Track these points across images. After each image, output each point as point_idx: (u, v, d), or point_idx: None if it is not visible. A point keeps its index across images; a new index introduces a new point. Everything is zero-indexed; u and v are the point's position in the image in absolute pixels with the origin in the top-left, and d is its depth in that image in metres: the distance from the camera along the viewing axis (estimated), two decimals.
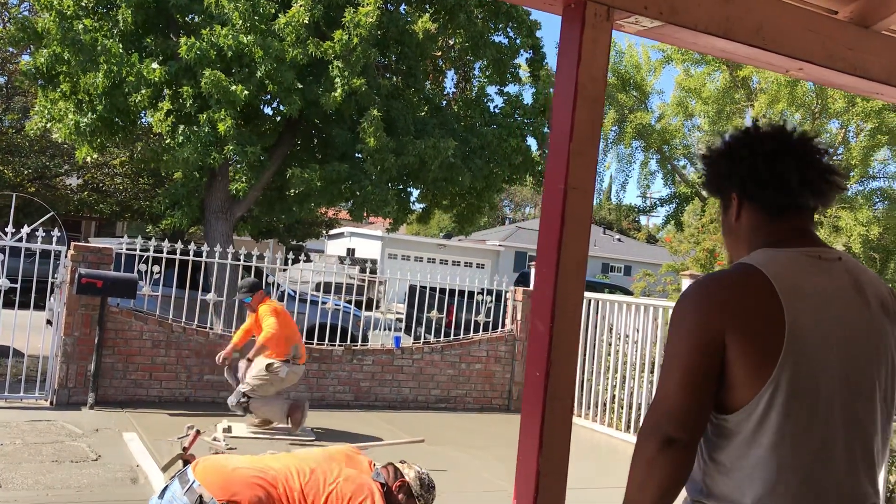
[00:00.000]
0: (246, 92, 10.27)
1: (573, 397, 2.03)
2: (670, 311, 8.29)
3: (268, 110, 13.10)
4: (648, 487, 1.71)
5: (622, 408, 8.74)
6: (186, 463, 3.55)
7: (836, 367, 1.67)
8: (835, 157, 21.40)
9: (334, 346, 8.85)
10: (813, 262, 1.74)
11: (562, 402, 1.99)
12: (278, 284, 9.12)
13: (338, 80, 10.72)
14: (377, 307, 11.16)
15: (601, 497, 6.16)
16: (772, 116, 21.07)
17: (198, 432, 5.48)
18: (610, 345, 9.06)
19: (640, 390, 8.55)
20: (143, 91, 10.36)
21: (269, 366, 6.83)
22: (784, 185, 1.76)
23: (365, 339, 9.91)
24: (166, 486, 3.38)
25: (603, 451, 8.08)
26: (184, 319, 8.25)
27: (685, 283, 8.30)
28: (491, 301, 9.85)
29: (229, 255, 8.73)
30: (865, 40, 2.28)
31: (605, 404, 9.01)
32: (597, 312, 9.21)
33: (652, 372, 8.42)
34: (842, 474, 1.68)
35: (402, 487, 3.58)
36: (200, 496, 3.19)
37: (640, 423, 1.79)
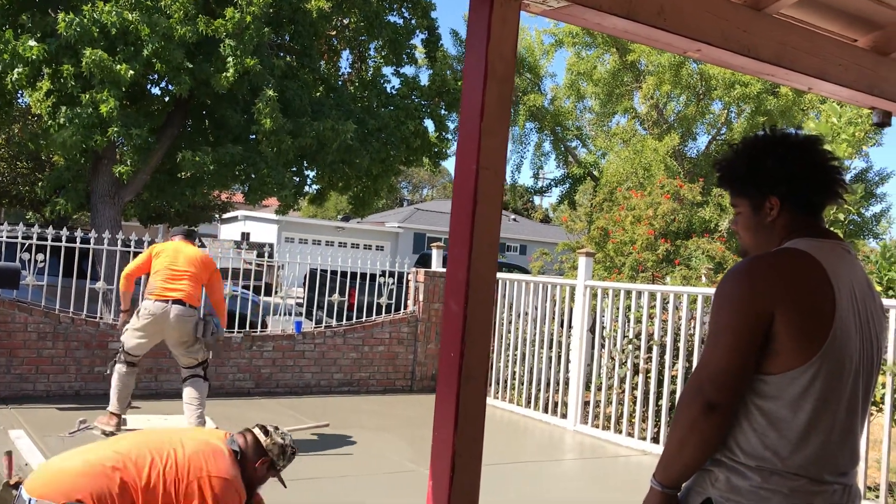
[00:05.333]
0: (131, 71, 9.83)
1: (486, 377, 2.05)
2: (567, 289, 8.50)
3: (156, 90, 12.60)
4: (688, 448, 1.90)
5: (522, 384, 8.91)
6: (18, 485, 3.30)
7: (857, 346, 1.90)
8: (718, 137, 22.34)
9: (232, 333, 8.64)
10: (841, 252, 1.97)
11: (476, 381, 2.00)
12: None
13: (230, 59, 10.39)
14: (276, 292, 10.97)
15: (509, 472, 6.27)
16: (659, 98, 21.80)
17: (9, 454, 5.06)
18: (510, 322, 9.21)
19: (539, 366, 8.73)
20: (20, 70, 9.76)
21: None
22: (820, 189, 2.00)
23: (264, 325, 9.72)
24: None
25: (505, 428, 8.22)
26: (72, 309, 7.88)
27: (581, 261, 8.50)
28: (392, 283, 9.83)
29: (118, 242, 8.36)
30: (758, 23, 2.37)
31: (505, 381, 9.17)
32: (497, 291, 9.34)
33: (551, 348, 8.62)
34: (851, 438, 1.93)
35: (265, 462, 3.46)
36: None
37: (681, 392, 1.95)
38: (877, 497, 5.79)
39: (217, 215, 24.54)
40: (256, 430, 3.53)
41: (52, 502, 2.99)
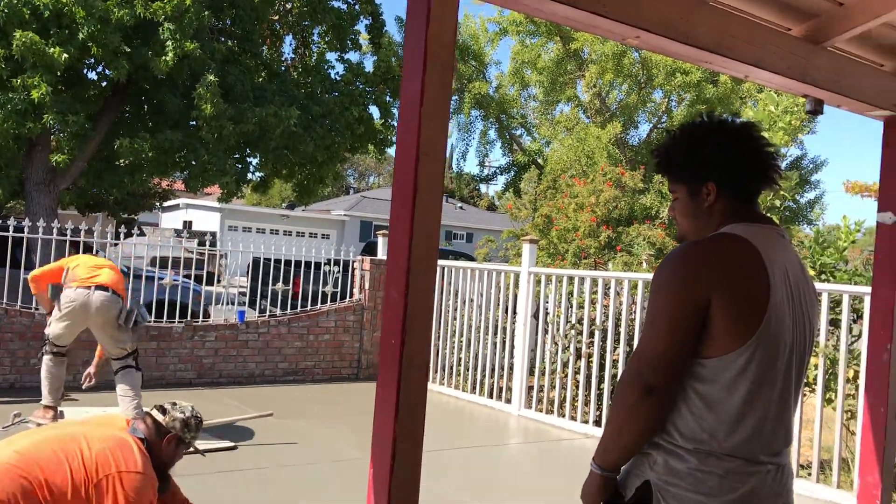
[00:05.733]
0: (66, 55, 9.55)
1: (428, 364, 2.04)
2: (511, 276, 8.54)
3: (92, 75, 12.26)
4: (626, 432, 1.93)
5: (468, 370, 8.95)
6: None
7: (791, 329, 1.94)
8: (659, 125, 22.68)
9: (173, 322, 8.49)
10: (776, 237, 2.00)
11: (417, 369, 1.99)
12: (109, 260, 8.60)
13: (169, 43, 10.16)
14: (218, 281, 10.80)
15: (454, 458, 6.30)
16: (601, 86, 22.02)
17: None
18: (455, 310, 9.23)
19: (484, 352, 8.78)
20: None
21: None
22: (757, 175, 2.03)
23: (206, 315, 9.57)
24: None
25: (450, 413, 8.25)
26: (5, 300, 7.64)
27: (525, 248, 8.57)
28: (338, 271, 9.77)
29: (54, 230, 8.13)
30: (697, 10, 2.40)
31: (451, 367, 9.20)
32: (442, 278, 9.35)
33: (496, 334, 8.67)
34: (785, 419, 1.97)
35: (172, 439, 3.38)
36: None
37: (620, 374, 1.96)
38: (809, 475, 5.98)
39: (158, 203, 24.01)
40: (154, 412, 3.43)
41: None
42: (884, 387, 3.24)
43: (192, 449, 3.55)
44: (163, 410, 3.42)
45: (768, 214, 8.02)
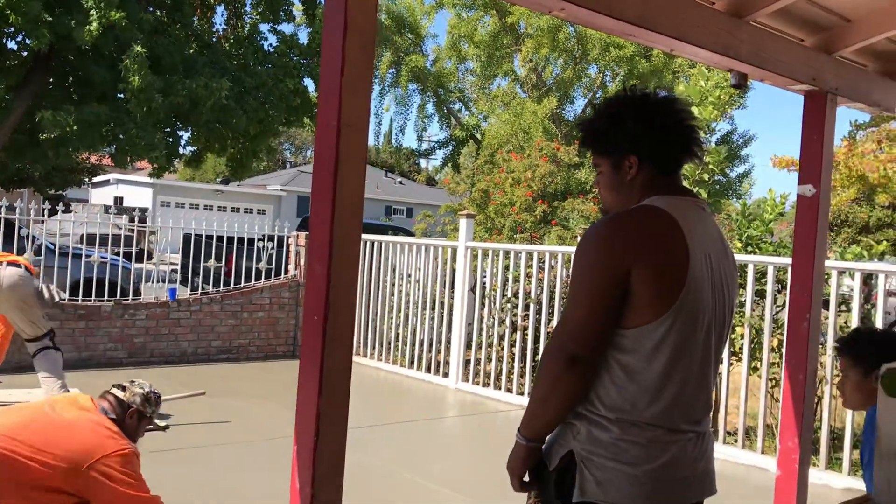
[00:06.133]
0: None
1: (353, 339, 2.02)
2: (449, 250, 8.55)
3: (12, 45, 11.75)
4: (551, 402, 1.94)
5: (406, 345, 8.96)
6: None
7: (710, 301, 1.96)
8: (595, 100, 22.89)
9: (102, 301, 8.27)
10: (697, 210, 2.02)
11: (342, 344, 1.96)
12: (34, 237, 8.32)
13: (93, 12, 9.80)
14: (149, 258, 10.55)
15: (390, 432, 6.31)
16: (538, 61, 22.09)
17: None
18: (393, 285, 9.21)
19: (422, 327, 8.79)
20: None
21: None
22: (679, 148, 2.04)
23: (137, 293, 9.34)
24: None
25: (388, 389, 8.25)
26: None
27: (463, 223, 8.58)
28: (273, 247, 9.63)
29: None
30: None
31: (389, 343, 9.19)
32: (380, 254, 9.31)
33: (434, 308, 8.68)
34: (703, 388, 2.00)
35: (133, 413, 3.42)
36: None
37: (546, 344, 1.97)
38: (735, 441, 6.16)
39: (87, 179, 23.31)
40: (114, 390, 3.44)
41: None
42: (803, 354, 3.33)
43: (151, 426, 3.57)
44: (122, 388, 3.45)
45: (697, 189, 8.18)
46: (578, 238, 10.20)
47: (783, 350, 5.91)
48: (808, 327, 3.31)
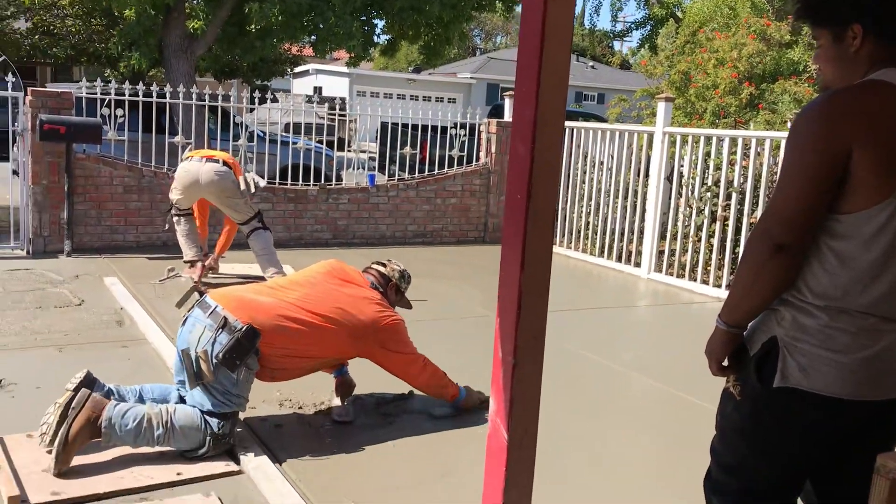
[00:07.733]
0: None
1: (554, 217, 2.02)
2: (644, 137, 8.26)
3: None
4: (755, 290, 1.87)
5: (596, 234, 8.88)
6: (202, 294, 3.68)
7: None
8: None
9: (308, 186, 8.78)
10: None
11: (543, 222, 1.96)
12: (246, 126, 8.91)
13: None
14: (349, 146, 11.01)
15: (581, 318, 6.37)
16: None
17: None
18: (585, 173, 9.08)
19: (613, 216, 8.66)
20: None
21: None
22: None
23: (339, 179, 9.82)
24: (186, 317, 3.49)
25: (579, 276, 8.27)
26: (153, 163, 8.09)
27: (660, 107, 8.20)
28: (464, 135, 9.73)
29: (193, 96, 8.44)
30: None
31: (579, 231, 9.15)
32: (571, 141, 9.16)
33: (626, 198, 8.50)
34: None
35: (392, 287, 3.98)
36: (225, 318, 3.33)
37: (751, 230, 1.95)
38: None
39: (289, 69, 24.43)
40: (375, 266, 4.03)
41: (235, 315, 3.35)
42: None
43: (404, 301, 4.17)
44: (382, 264, 4.06)
45: None
46: (789, 123, 9.51)
47: None
48: None
